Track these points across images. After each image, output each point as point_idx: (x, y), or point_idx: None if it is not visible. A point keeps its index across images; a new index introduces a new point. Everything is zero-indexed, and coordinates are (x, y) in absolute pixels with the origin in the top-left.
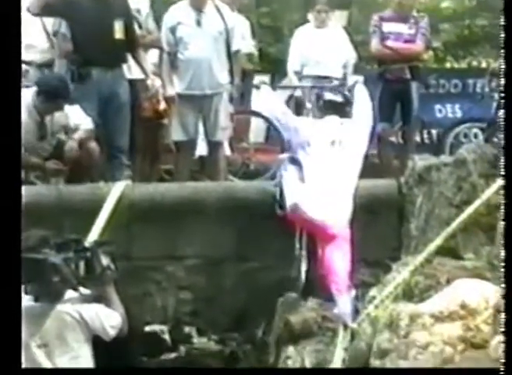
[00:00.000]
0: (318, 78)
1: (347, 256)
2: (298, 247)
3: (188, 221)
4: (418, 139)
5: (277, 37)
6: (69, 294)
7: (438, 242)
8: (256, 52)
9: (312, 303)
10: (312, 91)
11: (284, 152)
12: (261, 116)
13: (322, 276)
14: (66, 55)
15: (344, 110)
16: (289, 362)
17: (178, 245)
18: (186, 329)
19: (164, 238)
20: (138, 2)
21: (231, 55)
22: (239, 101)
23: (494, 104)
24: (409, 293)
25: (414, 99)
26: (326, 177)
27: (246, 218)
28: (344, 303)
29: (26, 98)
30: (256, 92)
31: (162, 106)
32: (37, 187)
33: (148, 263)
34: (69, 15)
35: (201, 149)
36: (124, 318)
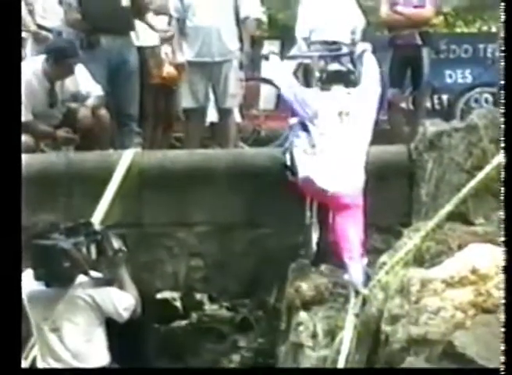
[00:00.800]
0: (327, 44)
1: (360, 224)
2: (309, 215)
3: (198, 188)
4: (429, 105)
5: (286, 3)
6: (81, 278)
7: (449, 208)
8: (265, 19)
9: (323, 269)
10: (320, 61)
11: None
12: (271, 83)
13: (335, 243)
14: (74, 24)
15: (349, 79)
16: (300, 328)
17: (188, 212)
18: (197, 296)
19: (174, 205)
20: None
21: (240, 22)
22: (249, 68)
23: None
24: (420, 258)
25: (425, 65)
26: (336, 148)
27: (256, 184)
28: (356, 270)
29: (35, 65)
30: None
31: (167, 71)
32: (47, 155)
33: (159, 230)
34: None
35: (212, 116)
36: (137, 299)
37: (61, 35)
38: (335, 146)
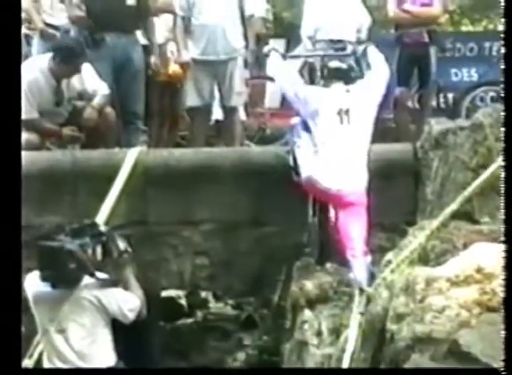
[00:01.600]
0: (332, 42)
1: (363, 222)
2: (311, 214)
3: (204, 186)
4: (434, 103)
5: (291, 2)
6: (87, 279)
7: (454, 206)
8: (270, 17)
9: (328, 268)
10: (323, 59)
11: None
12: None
13: (338, 241)
14: (78, 21)
15: (350, 76)
16: (305, 327)
17: (194, 210)
18: (202, 294)
19: (180, 203)
20: None
21: (245, 20)
22: (254, 66)
23: None
24: (425, 257)
25: (433, 63)
26: (338, 147)
27: (261, 183)
28: (360, 268)
29: (42, 63)
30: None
31: (173, 70)
32: (53, 153)
33: (164, 228)
34: None
35: (217, 114)
36: (142, 300)
37: (68, 33)
38: (336, 144)
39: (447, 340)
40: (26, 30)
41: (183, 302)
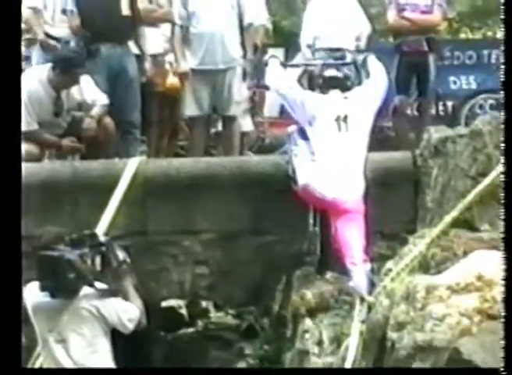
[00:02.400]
0: (331, 51)
1: (361, 230)
2: (312, 222)
3: (203, 196)
4: (433, 111)
5: (290, 10)
6: (86, 289)
7: (454, 214)
8: (270, 26)
9: (328, 277)
10: (322, 68)
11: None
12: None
13: (337, 250)
14: (74, 31)
15: (346, 85)
16: (306, 336)
17: (193, 220)
18: (203, 303)
19: (179, 213)
20: None
21: (244, 29)
22: (253, 75)
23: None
24: (425, 265)
25: (432, 71)
26: (334, 154)
27: (261, 192)
28: (359, 276)
29: (41, 74)
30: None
31: (170, 82)
32: (52, 164)
33: (164, 238)
34: None
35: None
36: (142, 310)
37: (68, 44)
38: (333, 151)
39: (448, 348)
40: (26, 41)
41: (184, 312)
